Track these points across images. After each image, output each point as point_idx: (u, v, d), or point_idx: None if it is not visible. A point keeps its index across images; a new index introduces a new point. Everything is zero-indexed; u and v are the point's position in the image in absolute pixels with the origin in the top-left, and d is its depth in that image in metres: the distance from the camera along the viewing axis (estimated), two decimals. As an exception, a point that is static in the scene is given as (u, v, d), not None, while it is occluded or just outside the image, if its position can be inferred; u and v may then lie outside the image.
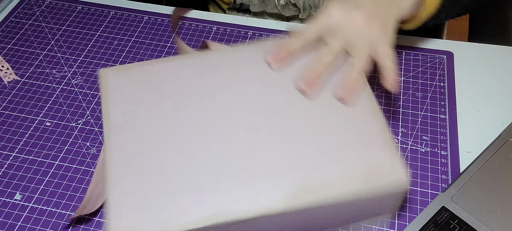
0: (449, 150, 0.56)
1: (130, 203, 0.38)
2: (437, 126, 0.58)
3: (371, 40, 0.48)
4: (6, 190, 0.53)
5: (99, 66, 0.66)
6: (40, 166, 0.55)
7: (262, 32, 0.70)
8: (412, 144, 0.56)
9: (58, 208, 0.52)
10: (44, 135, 0.58)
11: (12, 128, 0.59)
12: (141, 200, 0.39)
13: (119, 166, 0.41)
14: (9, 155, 0.56)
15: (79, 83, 0.64)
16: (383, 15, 0.49)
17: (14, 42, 0.70)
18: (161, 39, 0.69)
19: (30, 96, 0.63)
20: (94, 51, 0.68)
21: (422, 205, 0.51)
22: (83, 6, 0.75)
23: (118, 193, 0.39)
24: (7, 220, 0.51)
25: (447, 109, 0.60)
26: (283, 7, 0.72)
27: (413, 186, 0.53)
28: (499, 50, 0.67)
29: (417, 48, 0.67)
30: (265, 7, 0.73)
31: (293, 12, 0.72)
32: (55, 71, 0.66)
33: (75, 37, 0.70)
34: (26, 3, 0.75)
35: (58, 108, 0.61)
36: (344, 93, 0.46)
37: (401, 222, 0.50)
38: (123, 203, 0.39)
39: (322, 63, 0.46)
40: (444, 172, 0.54)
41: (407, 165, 0.54)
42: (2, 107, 0.61)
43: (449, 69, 0.64)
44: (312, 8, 0.71)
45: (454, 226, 0.47)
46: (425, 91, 0.62)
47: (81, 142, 0.58)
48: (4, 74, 0.65)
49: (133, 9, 0.74)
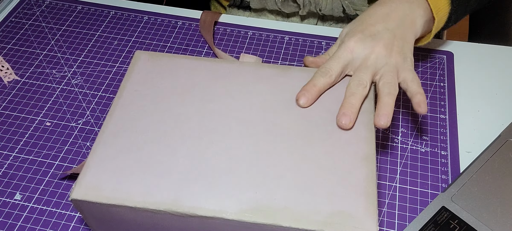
0: (449, 150, 0.56)
1: (104, 168, 0.42)
2: (437, 126, 0.58)
3: (396, 68, 0.49)
4: (6, 190, 0.53)
5: (99, 66, 0.66)
6: (40, 166, 0.55)
7: (262, 32, 0.70)
8: (412, 144, 0.56)
9: (58, 208, 0.52)
10: (44, 135, 0.58)
11: (12, 128, 0.59)
12: (115, 169, 0.42)
13: (110, 134, 0.44)
14: (9, 155, 0.56)
15: (79, 83, 0.64)
16: (401, 43, 0.51)
17: (14, 42, 0.70)
18: (161, 39, 0.69)
19: (30, 96, 0.63)
20: (94, 51, 0.68)
21: (422, 205, 0.51)
22: (83, 6, 0.75)
23: (98, 155, 0.43)
24: (7, 220, 0.51)
25: (447, 109, 0.60)
26: (283, 3, 0.72)
27: (413, 186, 0.53)
28: (499, 50, 0.67)
29: (417, 48, 0.67)
30: (265, 4, 0.73)
31: (293, 8, 0.73)
32: (55, 71, 0.66)
33: (75, 37, 0.70)
34: (26, 3, 0.75)
35: (58, 108, 0.61)
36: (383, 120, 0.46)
37: (401, 222, 0.50)
38: (99, 165, 0.42)
39: (358, 97, 0.46)
40: (444, 172, 0.54)
41: (407, 165, 0.54)
42: (2, 108, 0.61)
43: (449, 69, 0.64)
44: (311, 4, 0.71)
45: (454, 226, 0.47)
46: (425, 91, 0.62)
47: (81, 142, 0.58)
48: (4, 74, 0.65)
49: (133, 9, 0.74)
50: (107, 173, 0.42)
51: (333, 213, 0.39)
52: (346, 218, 0.39)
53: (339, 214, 0.39)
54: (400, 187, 0.53)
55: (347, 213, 0.39)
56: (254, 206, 0.39)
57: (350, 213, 0.39)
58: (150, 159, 0.43)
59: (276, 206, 0.39)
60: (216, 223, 0.40)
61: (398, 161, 0.55)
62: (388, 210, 0.51)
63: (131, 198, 0.40)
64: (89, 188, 0.41)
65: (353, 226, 0.38)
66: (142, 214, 0.41)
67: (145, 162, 0.42)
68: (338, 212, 0.39)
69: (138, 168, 0.42)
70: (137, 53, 0.52)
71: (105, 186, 0.41)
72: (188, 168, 0.42)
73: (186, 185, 0.41)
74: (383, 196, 0.52)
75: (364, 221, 0.38)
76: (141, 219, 0.41)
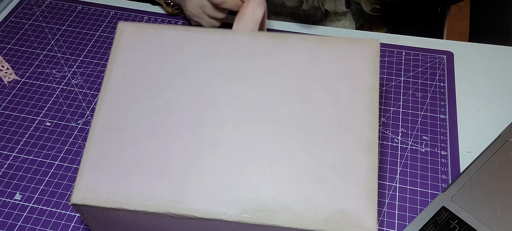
0: (449, 150, 0.56)
1: (100, 168, 0.41)
2: (437, 126, 0.58)
3: None
4: (6, 190, 0.53)
5: (99, 66, 0.66)
6: (40, 166, 0.55)
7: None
8: (412, 144, 0.56)
9: (58, 208, 0.52)
10: (44, 135, 0.58)
11: (12, 128, 0.59)
12: (111, 168, 0.41)
13: (102, 130, 0.43)
14: (9, 155, 0.56)
15: (79, 83, 0.64)
16: None
17: (14, 42, 0.70)
18: (161, 39, 0.69)
19: (30, 96, 0.63)
20: (94, 51, 0.68)
21: (422, 205, 0.51)
22: (83, 6, 0.75)
23: (93, 154, 0.42)
24: (7, 220, 0.51)
25: (447, 109, 0.60)
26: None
27: (413, 186, 0.53)
28: (499, 50, 0.67)
29: (417, 48, 0.67)
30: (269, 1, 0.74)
31: (295, 2, 0.73)
32: (55, 71, 0.66)
33: (75, 37, 0.70)
34: (26, 3, 0.75)
35: (58, 108, 0.61)
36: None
37: (401, 222, 0.50)
38: (94, 165, 0.41)
39: None
40: (444, 172, 0.54)
41: (407, 165, 0.54)
42: (2, 108, 0.61)
43: (449, 69, 0.64)
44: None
45: (454, 226, 0.47)
46: (425, 91, 0.62)
47: (81, 142, 0.58)
48: (4, 74, 0.65)
49: (133, 9, 0.74)
50: (104, 173, 0.41)
51: (333, 212, 0.38)
52: (346, 217, 0.38)
53: (339, 213, 0.38)
54: (400, 187, 0.53)
55: (347, 212, 0.38)
56: (253, 207, 0.39)
57: (350, 212, 0.38)
58: (145, 155, 0.42)
59: (276, 206, 0.39)
60: (215, 224, 0.40)
61: (398, 161, 0.55)
62: (388, 210, 0.51)
63: (130, 201, 0.40)
64: (88, 191, 0.40)
65: (353, 225, 0.38)
66: (141, 216, 0.40)
67: (140, 160, 0.42)
68: (338, 210, 0.38)
69: (134, 166, 0.41)
70: (121, 25, 0.49)
71: (103, 188, 0.40)
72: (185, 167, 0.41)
73: (184, 186, 0.40)
74: (383, 196, 0.52)
75: (364, 219, 0.38)
76: (140, 220, 0.41)
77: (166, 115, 0.44)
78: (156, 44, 0.47)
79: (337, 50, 0.46)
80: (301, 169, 0.40)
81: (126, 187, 0.40)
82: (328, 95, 0.43)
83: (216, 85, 0.45)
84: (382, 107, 0.60)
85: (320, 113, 0.43)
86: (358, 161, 0.40)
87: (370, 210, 0.38)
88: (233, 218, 0.39)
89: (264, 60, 0.45)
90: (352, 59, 0.45)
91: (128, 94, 0.45)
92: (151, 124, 0.43)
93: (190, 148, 0.42)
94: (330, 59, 0.45)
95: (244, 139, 0.42)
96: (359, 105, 0.43)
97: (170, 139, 0.42)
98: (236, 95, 0.44)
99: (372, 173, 0.40)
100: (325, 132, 0.42)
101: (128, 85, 0.45)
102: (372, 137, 0.41)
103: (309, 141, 0.41)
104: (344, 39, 0.46)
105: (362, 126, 0.42)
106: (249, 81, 0.45)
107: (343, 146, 0.41)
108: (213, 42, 0.47)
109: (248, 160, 0.41)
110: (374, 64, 0.44)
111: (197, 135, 0.42)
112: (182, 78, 0.45)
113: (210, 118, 0.43)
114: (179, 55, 0.46)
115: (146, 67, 0.46)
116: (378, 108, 0.43)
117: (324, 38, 0.47)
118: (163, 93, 0.45)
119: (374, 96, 0.43)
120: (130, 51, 0.47)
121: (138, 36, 0.48)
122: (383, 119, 0.59)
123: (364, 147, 0.41)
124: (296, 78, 0.45)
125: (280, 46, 0.46)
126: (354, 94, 0.43)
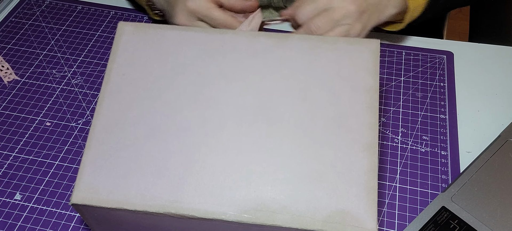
0: (449, 150, 0.56)
1: (100, 168, 0.41)
2: (437, 126, 0.58)
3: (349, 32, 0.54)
4: (6, 190, 0.53)
5: (99, 66, 0.66)
6: (40, 166, 0.55)
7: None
8: (412, 144, 0.56)
9: (58, 208, 0.52)
10: (44, 135, 0.58)
11: (12, 128, 0.59)
12: (111, 168, 0.41)
13: (102, 129, 0.43)
14: (9, 155, 0.56)
15: (79, 83, 0.64)
16: (368, 17, 0.56)
17: (14, 42, 0.70)
18: (161, 39, 0.69)
19: (30, 96, 0.63)
20: (94, 51, 0.68)
21: (422, 205, 0.51)
22: (83, 6, 0.75)
23: (93, 154, 0.42)
24: (7, 220, 0.51)
25: (447, 109, 0.60)
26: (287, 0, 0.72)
27: (413, 186, 0.53)
28: (499, 50, 0.67)
29: (417, 48, 0.67)
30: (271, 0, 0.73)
31: None
32: (55, 71, 0.66)
33: (75, 37, 0.70)
34: (26, 3, 0.75)
35: (58, 108, 0.61)
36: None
37: (401, 222, 0.50)
38: (94, 165, 0.41)
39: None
40: (444, 172, 0.54)
41: (407, 165, 0.54)
42: (2, 108, 0.61)
43: (449, 69, 0.64)
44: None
45: (454, 226, 0.47)
46: (425, 91, 0.62)
47: (81, 142, 0.58)
48: (4, 74, 0.65)
49: (133, 9, 0.74)
50: (104, 172, 0.41)
51: (333, 212, 0.38)
52: (346, 217, 0.38)
53: (339, 213, 0.38)
54: (400, 187, 0.53)
55: (347, 212, 0.38)
56: (253, 206, 0.39)
57: (350, 212, 0.38)
58: (145, 155, 0.42)
59: (275, 206, 0.39)
60: (215, 224, 0.40)
61: (398, 161, 0.55)
62: (388, 210, 0.51)
63: (130, 201, 0.40)
64: (88, 191, 0.40)
65: (353, 226, 0.38)
66: (141, 215, 0.40)
67: (140, 159, 0.42)
68: (338, 211, 0.38)
69: (134, 166, 0.41)
70: (121, 25, 0.49)
71: (103, 188, 0.40)
72: (185, 166, 0.41)
73: (184, 186, 0.40)
74: (383, 196, 0.52)
75: (364, 219, 0.38)
76: (141, 220, 0.41)
77: (166, 115, 0.43)
78: (156, 44, 0.47)
79: (337, 50, 0.46)
80: (301, 169, 0.40)
81: (126, 187, 0.40)
82: (328, 95, 0.43)
83: (216, 85, 0.44)
84: (382, 107, 0.60)
85: (320, 113, 0.42)
86: (358, 161, 0.40)
87: (370, 210, 0.38)
88: (233, 218, 0.39)
89: (264, 60, 0.45)
90: (352, 59, 0.45)
91: (128, 94, 0.45)
92: (151, 124, 0.43)
93: (190, 148, 0.42)
94: (330, 59, 0.45)
95: (244, 138, 0.42)
96: (359, 105, 0.43)
97: (170, 139, 0.42)
98: (236, 95, 0.44)
99: (372, 173, 0.40)
100: (325, 132, 0.42)
101: (128, 85, 0.45)
102: (372, 137, 0.41)
103: (309, 141, 0.41)
104: (344, 39, 0.46)
105: (362, 126, 0.42)
106: (249, 81, 0.45)
107: (343, 146, 0.41)
108: (213, 42, 0.47)
109: (248, 160, 0.41)
110: (374, 64, 0.44)
111: (197, 135, 0.42)
112: (182, 78, 0.45)
113: (210, 117, 0.43)
114: (179, 55, 0.46)
115: (146, 67, 0.46)
116: (378, 108, 0.43)
117: (324, 38, 0.47)
118: (163, 93, 0.45)
119: (374, 96, 0.43)
120: (130, 51, 0.47)
121: (138, 36, 0.48)
122: (383, 119, 0.59)
123: (364, 147, 0.41)
124: (296, 78, 0.44)
125: (280, 46, 0.46)
126: (354, 94, 0.43)
